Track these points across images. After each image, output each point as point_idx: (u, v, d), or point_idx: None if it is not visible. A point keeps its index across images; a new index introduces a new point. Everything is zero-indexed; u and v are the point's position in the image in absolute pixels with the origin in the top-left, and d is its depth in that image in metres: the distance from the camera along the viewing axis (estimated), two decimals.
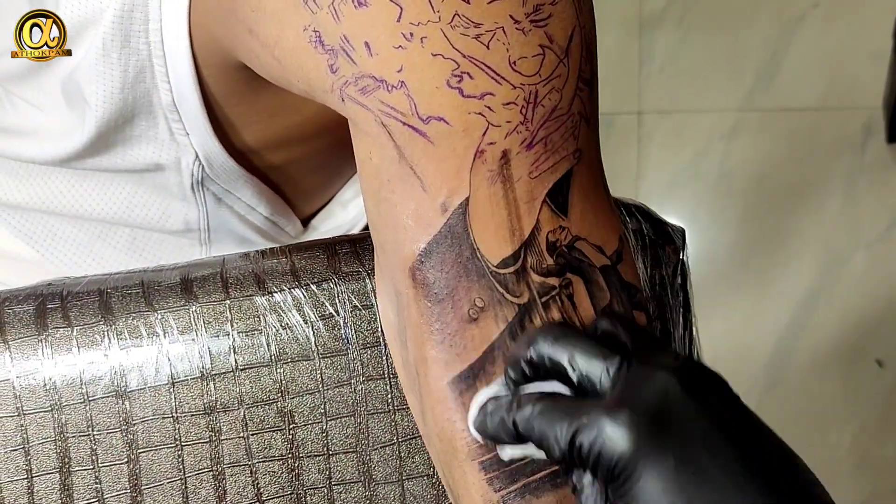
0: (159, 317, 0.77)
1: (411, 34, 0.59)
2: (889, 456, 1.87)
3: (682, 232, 0.82)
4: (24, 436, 0.77)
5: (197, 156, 0.83)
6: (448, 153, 0.60)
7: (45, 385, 0.77)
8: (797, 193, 2.10)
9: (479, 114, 0.59)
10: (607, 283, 0.63)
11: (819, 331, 1.98)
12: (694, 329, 0.81)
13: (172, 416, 0.77)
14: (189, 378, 0.77)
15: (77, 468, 0.77)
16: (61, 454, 0.77)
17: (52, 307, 0.78)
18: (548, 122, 0.61)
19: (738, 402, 0.58)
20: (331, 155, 0.90)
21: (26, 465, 0.77)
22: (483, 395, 0.61)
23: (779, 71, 2.22)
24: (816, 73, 2.20)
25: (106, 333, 0.77)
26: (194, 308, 0.78)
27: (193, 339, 0.77)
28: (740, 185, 2.13)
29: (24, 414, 0.77)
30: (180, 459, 0.77)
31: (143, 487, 0.77)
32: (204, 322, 0.77)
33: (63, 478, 0.77)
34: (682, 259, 0.81)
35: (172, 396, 0.77)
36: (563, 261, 0.62)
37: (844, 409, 1.91)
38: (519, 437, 0.60)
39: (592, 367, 0.58)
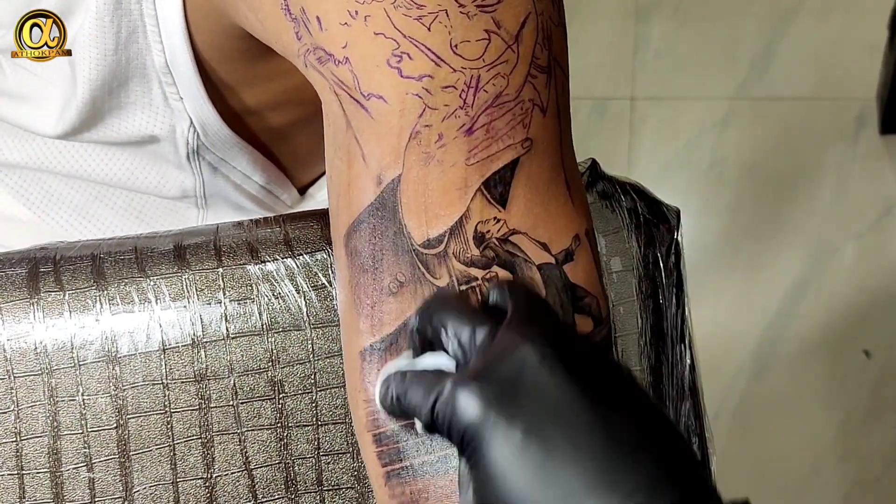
0: (152, 283, 0.77)
1: (356, 12, 0.59)
2: (874, 445, 1.88)
3: (677, 212, 0.82)
4: (14, 398, 0.77)
5: (192, 122, 0.83)
6: (386, 130, 0.60)
7: (36, 348, 0.77)
8: (789, 183, 2.10)
9: (417, 95, 0.60)
10: (544, 282, 0.62)
11: (807, 319, 1.98)
12: (687, 308, 0.81)
13: (162, 383, 0.77)
14: (180, 345, 0.77)
15: (66, 432, 0.77)
16: (50, 418, 0.77)
17: (45, 271, 0.78)
18: (491, 108, 0.60)
19: (617, 378, 0.55)
20: None
21: (15, 428, 0.77)
22: (389, 367, 0.61)
23: (773, 60, 2.22)
24: (810, 63, 2.21)
25: (98, 298, 0.77)
26: (187, 275, 0.77)
27: (185, 307, 0.77)
28: (732, 174, 2.13)
29: (14, 377, 0.77)
30: (169, 426, 0.77)
31: (131, 453, 0.77)
32: (196, 289, 0.77)
33: (52, 441, 0.77)
34: (677, 238, 0.81)
35: (163, 363, 0.77)
36: (491, 254, 0.61)
37: (831, 398, 1.91)
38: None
39: (463, 336, 0.57)
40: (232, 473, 0.77)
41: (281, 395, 0.77)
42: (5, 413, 0.77)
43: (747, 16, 2.27)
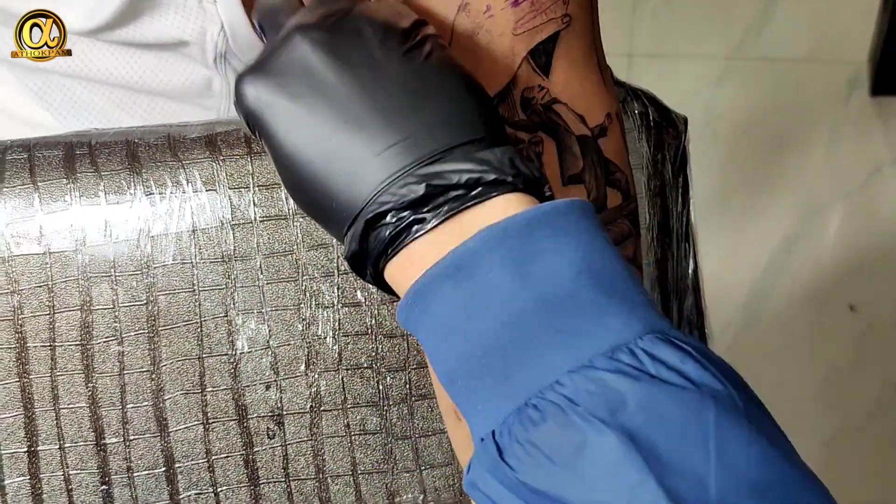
0: (184, 168, 0.81)
1: None
2: (856, 396, 1.92)
3: (685, 119, 0.86)
4: (48, 273, 0.80)
5: (222, 26, 0.86)
6: (435, 2, 0.63)
7: (72, 226, 0.80)
8: (781, 142, 2.14)
9: None
10: (583, 152, 0.65)
11: (796, 274, 2.02)
12: (692, 210, 0.85)
13: (191, 262, 0.80)
14: (210, 227, 0.80)
15: (98, 307, 0.80)
16: (83, 293, 0.80)
17: (81, 153, 0.81)
18: None
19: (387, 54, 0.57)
20: None
21: (49, 302, 0.80)
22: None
23: (769, 21, 2.26)
24: (806, 24, 2.24)
25: (131, 182, 0.80)
26: (218, 162, 0.81)
27: (216, 191, 0.81)
28: (726, 132, 2.17)
29: (50, 253, 0.80)
30: (197, 304, 0.81)
31: (160, 329, 0.81)
32: (226, 175, 0.81)
33: (84, 315, 0.80)
34: (684, 144, 0.85)
35: (192, 243, 0.80)
36: (537, 119, 0.64)
37: (816, 351, 1.96)
38: None
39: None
40: (256, 350, 0.81)
41: (305, 277, 0.81)
42: (40, 287, 0.80)
43: None
